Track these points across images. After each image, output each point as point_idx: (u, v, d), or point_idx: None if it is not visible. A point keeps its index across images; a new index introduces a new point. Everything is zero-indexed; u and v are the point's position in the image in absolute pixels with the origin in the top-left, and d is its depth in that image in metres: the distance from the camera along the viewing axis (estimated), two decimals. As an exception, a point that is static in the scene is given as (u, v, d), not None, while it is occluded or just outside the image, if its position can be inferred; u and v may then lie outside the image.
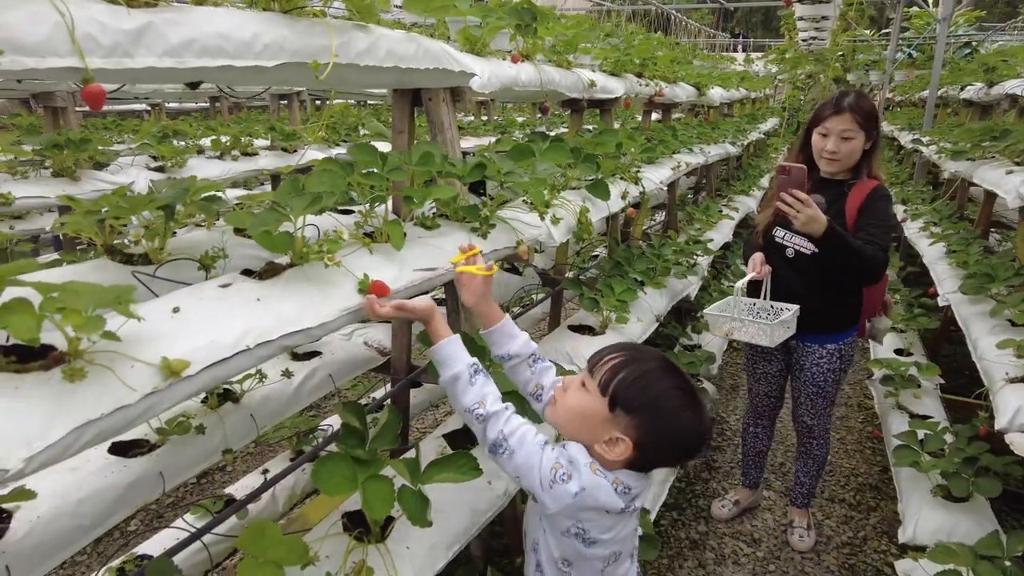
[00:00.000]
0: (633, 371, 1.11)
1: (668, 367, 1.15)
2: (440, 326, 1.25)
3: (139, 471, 1.58)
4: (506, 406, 1.17)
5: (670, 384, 1.12)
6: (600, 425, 1.12)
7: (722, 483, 3.38)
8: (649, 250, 3.04)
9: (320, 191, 1.20)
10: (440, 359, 1.23)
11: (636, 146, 3.00)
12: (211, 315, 1.03)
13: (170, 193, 1.35)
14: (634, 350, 1.17)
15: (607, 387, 1.11)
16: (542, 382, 1.35)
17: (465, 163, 1.63)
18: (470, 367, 1.20)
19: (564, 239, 2.14)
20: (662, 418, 1.10)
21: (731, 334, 2.31)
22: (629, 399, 1.10)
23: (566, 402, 1.19)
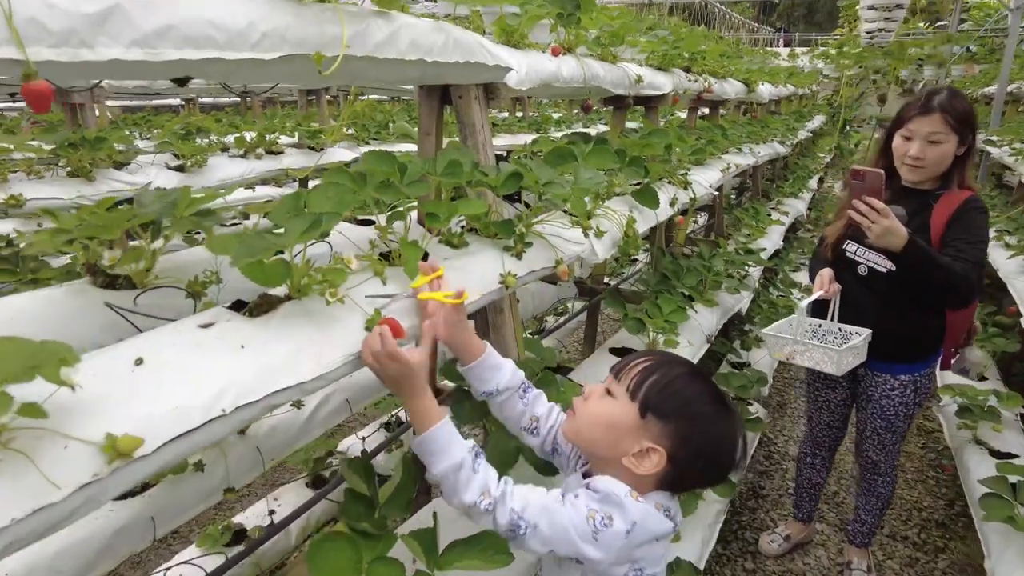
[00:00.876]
0: (665, 375, 1.05)
1: (698, 373, 1.09)
2: (432, 402, 1.03)
3: (128, 516, 1.40)
4: (504, 480, 1.01)
5: (703, 389, 1.06)
6: (629, 434, 1.03)
7: (770, 513, 3.11)
8: (698, 262, 2.78)
9: (324, 211, 0.99)
10: (434, 449, 1.00)
11: (685, 147, 2.74)
12: (182, 368, 0.83)
13: (156, 207, 1.15)
14: (661, 355, 1.11)
15: (638, 391, 1.04)
16: (536, 412, 1.21)
17: (499, 171, 1.40)
18: (471, 451, 1.01)
19: (608, 255, 1.91)
20: (698, 425, 1.03)
21: (792, 358, 2.07)
22: (662, 403, 1.02)
23: (589, 411, 1.08)
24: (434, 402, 1.05)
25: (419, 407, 1.02)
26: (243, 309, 0.99)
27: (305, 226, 0.91)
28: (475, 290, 1.25)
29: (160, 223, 1.15)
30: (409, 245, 1.11)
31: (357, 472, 1.07)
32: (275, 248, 0.89)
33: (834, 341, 2.20)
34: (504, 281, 1.31)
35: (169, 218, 1.17)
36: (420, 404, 1.02)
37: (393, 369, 1.00)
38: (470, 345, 1.15)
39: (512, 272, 1.33)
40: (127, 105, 8.80)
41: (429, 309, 1.11)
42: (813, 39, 17.01)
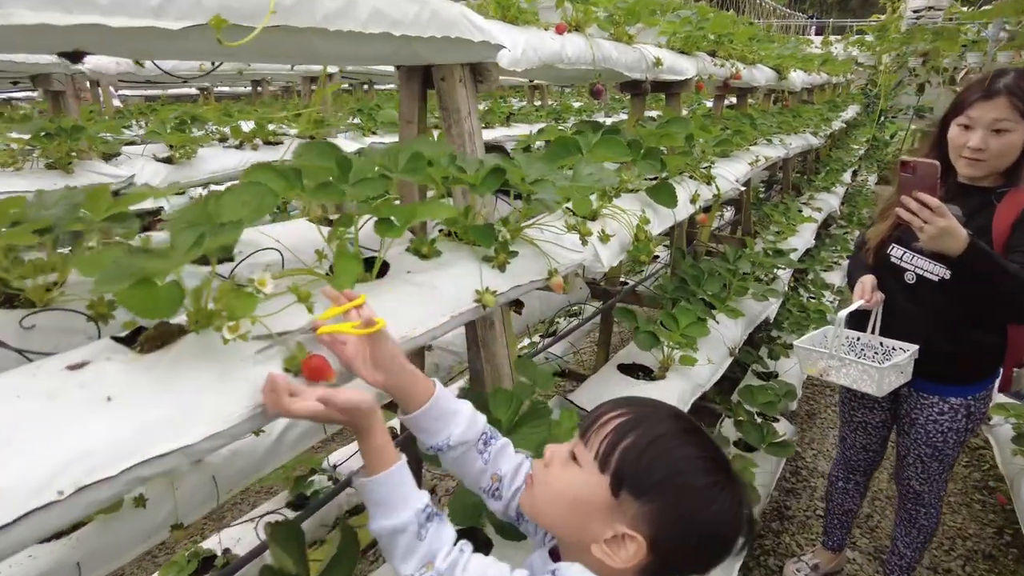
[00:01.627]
0: (644, 435, 0.80)
1: (688, 428, 0.83)
2: (385, 440, 0.83)
3: (49, 562, 1.22)
4: (459, 547, 0.83)
5: (695, 452, 0.80)
6: (599, 516, 0.80)
7: (796, 537, 2.86)
8: (721, 265, 2.52)
9: (236, 218, 0.78)
10: (379, 498, 0.82)
11: (709, 137, 2.49)
12: (14, 432, 0.62)
13: (55, 210, 0.95)
14: (640, 406, 0.86)
15: (608, 460, 0.80)
16: (499, 470, 0.97)
17: (481, 166, 1.18)
18: (420, 513, 0.81)
19: (616, 261, 1.67)
20: (686, 503, 0.78)
21: (826, 375, 1.83)
22: (640, 476, 0.78)
23: (549, 484, 0.85)
24: (382, 441, 0.84)
25: (374, 441, 0.83)
26: (134, 342, 0.79)
27: (191, 241, 0.69)
28: (441, 312, 1.02)
29: (56, 231, 0.95)
30: (345, 257, 0.89)
31: (283, 541, 0.86)
32: (153, 271, 0.68)
33: (875, 357, 1.94)
34: (481, 299, 1.09)
35: (74, 224, 0.97)
36: (368, 441, 0.83)
37: (330, 415, 0.79)
38: (410, 388, 0.90)
39: (491, 288, 1.11)
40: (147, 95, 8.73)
41: (344, 351, 0.86)
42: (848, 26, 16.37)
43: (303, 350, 0.81)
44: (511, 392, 1.23)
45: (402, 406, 0.91)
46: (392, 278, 1.04)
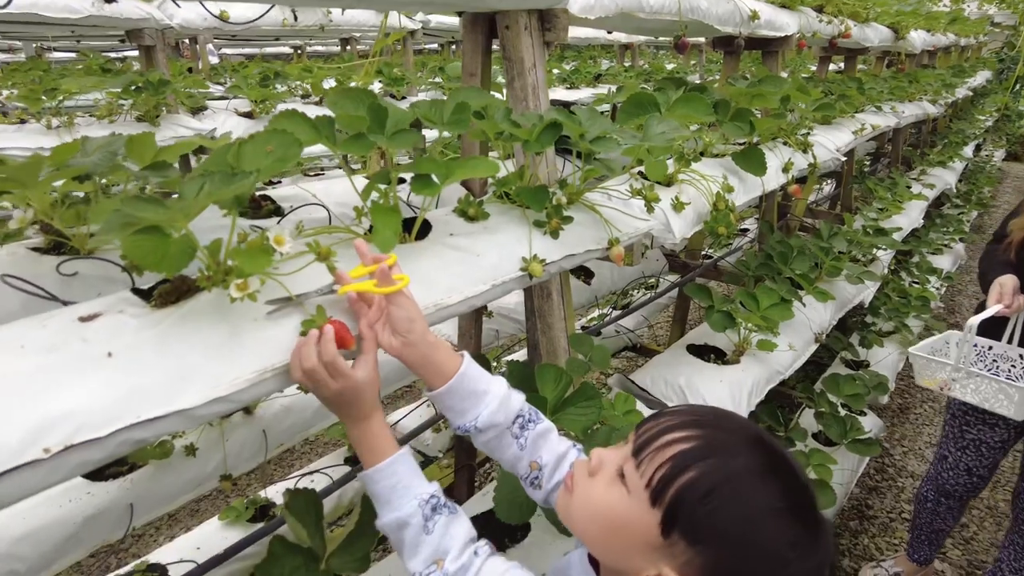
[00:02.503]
0: (711, 472, 0.63)
1: (771, 463, 0.64)
2: (383, 429, 0.77)
3: (104, 501, 1.25)
4: (474, 551, 0.75)
5: (774, 500, 0.62)
6: (642, 551, 0.65)
7: (877, 539, 2.64)
8: (814, 242, 2.30)
9: (250, 168, 0.72)
10: (381, 491, 0.76)
11: (808, 101, 2.24)
12: (9, 384, 0.60)
13: (95, 158, 0.93)
14: (712, 427, 0.67)
15: (661, 494, 0.64)
16: (539, 458, 0.85)
17: (541, 120, 1.07)
18: (426, 504, 0.74)
19: (689, 232, 1.53)
20: (752, 563, 0.62)
21: (947, 388, 1.61)
22: (699, 522, 0.62)
23: (590, 499, 0.71)
24: (385, 429, 0.78)
25: (364, 434, 0.78)
26: (152, 295, 0.75)
27: (196, 191, 0.64)
28: (481, 279, 0.94)
29: (96, 176, 0.93)
30: (383, 213, 0.82)
31: (299, 511, 0.82)
32: (153, 219, 0.63)
33: (1010, 372, 1.69)
34: (527, 268, 1.00)
35: (111, 172, 0.95)
36: (367, 430, 0.78)
37: (332, 388, 0.74)
38: (430, 359, 0.81)
39: (540, 257, 1.01)
40: (246, 53, 9.03)
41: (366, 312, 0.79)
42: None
43: (323, 314, 0.75)
44: (560, 368, 1.14)
45: (425, 380, 0.83)
46: (432, 241, 0.97)
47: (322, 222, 1.19)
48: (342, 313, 0.78)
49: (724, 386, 1.61)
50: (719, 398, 1.59)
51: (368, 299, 0.79)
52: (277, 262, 0.72)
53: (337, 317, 0.76)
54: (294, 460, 3.03)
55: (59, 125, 2.54)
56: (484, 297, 0.94)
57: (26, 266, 0.96)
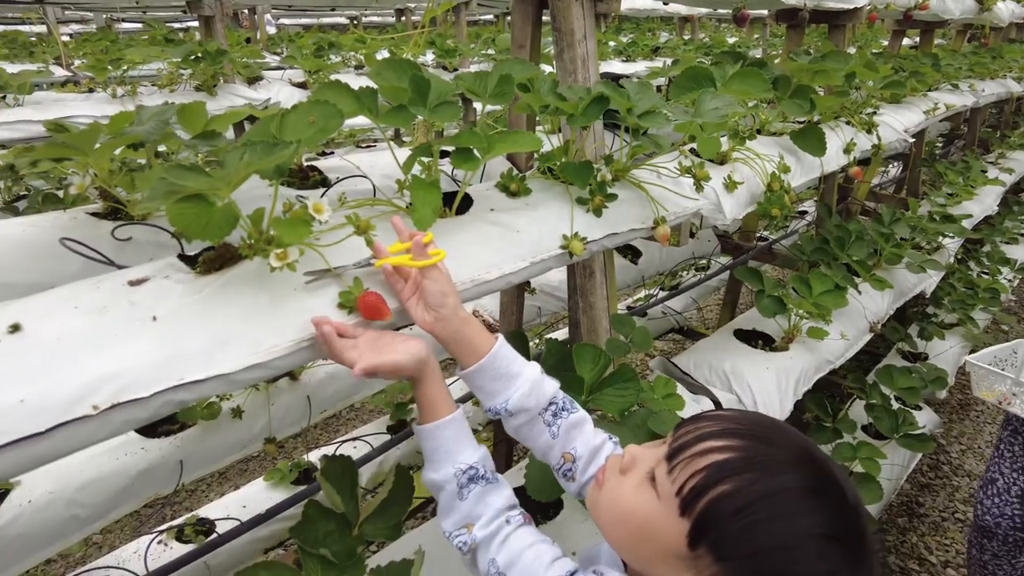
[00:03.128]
0: (749, 487, 0.59)
1: (816, 483, 0.60)
2: (436, 390, 0.78)
3: (156, 457, 1.32)
4: (506, 519, 0.76)
5: (815, 525, 0.57)
6: (664, 558, 0.63)
7: (926, 538, 2.55)
8: (874, 227, 2.20)
9: (292, 138, 0.72)
10: (426, 450, 0.79)
11: (876, 78, 2.13)
12: (61, 344, 0.62)
13: (147, 127, 0.96)
14: (754, 437, 0.62)
15: (692, 504, 0.60)
16: (572, 449, 0.83)
17: (588, 94, 1.04)
18: (462, 474, 0.76)
19: (741, 213, 1.48)
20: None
21: (1007, 403, 1.49)
22: (729, 539, 0.58)
23: (618, 500, 0.68)
24: (437, 390, 0.79)
25: (417, 394, 0.80)
26: (196, 262, 0.77)
27: (237, 160, 0.64)
28: (520, 256, 0.93)
29: (147, 145, 0.96)
30: (423, 187, 0.81)
31: (335, 478, 0.84)
32: (194, 188, 0.64)
33: None
34: (568, 246, 0.98)
35: (162, 140, 0.97)
36: (418, 391, 0.79)
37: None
38: (462, 336, 0.80)
39: (581, 235, 1.00)
40: (304, 23, 9.14)
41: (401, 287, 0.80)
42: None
43: (360, 285, 0.76)
44: (598, 348, 1.13)
45: (457, 358, 0.83)
46: (472, 216, 0.96)
47: (367, 194, 1.20)
48: (379, 285, 0.78)
49: (771, 373, 1.57)
50: (765, 385, 1.55)
51: (404, 273, 0.80)
52: (318, 232, 0.73)
53: (374, 289, 0.77)
54: (339, 426, 3.11)
55: (123, 94, 2.63)
56: (523, 274, 0.93)
57: (85, 230, 1.00)
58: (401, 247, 0.80)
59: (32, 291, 0.73)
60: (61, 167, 1.03)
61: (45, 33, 5.53)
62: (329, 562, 0.77)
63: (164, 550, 1.59)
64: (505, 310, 1.82)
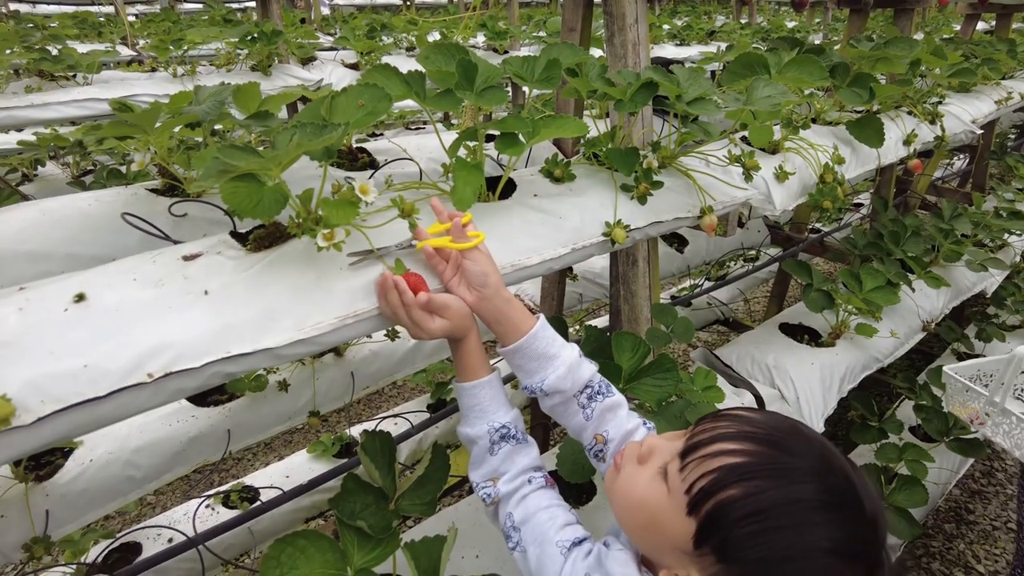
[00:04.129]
0: (760, 494, 0.58)
1: (833, 497, 0.58)
2: (477, 350, 0.82)
3: (206, 424, 1.38)
4: (528, 478, 0.79)
5: (826, 540, 0.56)
6: (671, 551, 0.63)
7: (974, 546, 2.47)
8: (933, 222, 2.11)
9: (341, 120, 0.74)
10: (463, 406, 0.83)
11: (943, 66, 2.03)
12: (121, 314, 0.66)
13: (204, 107, 0.99)
14: (771, 444, 0.61)
15: (699, 505, 0.60)
16: (605, 432, 0.85)
17: (637, 79, 1.03)
18: (495, 432, 0.80)
19: (791, 204, 1.44)
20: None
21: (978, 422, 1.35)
22: (733, 543, 0.58)
23: (631, 488, 0.69)
24: (476, 351, 0.82)
25: (456, 353, 0.83)
26: (247, 239, 0.80)
27: (287, 141, 0.66)
28: (561, 242, 0.93)
29: (207, 124, 0.99)
30: (466, 169, 0.82)
31: (373, 453, 0.86)
32: (245, 167, 0.66)
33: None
34: (610, 234, 0.98)
35: (219, 120, 1.00)
36: (457, 350, 0.83)
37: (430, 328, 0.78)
38: (503, 315, 0.82)
39: (624, 222, 0.99)
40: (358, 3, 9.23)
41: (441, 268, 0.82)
42: None
43: (402, 266, 0.77)
44: (637, 337, 1.12)
45: (498, 336, 0.85)
46: (515, 200, 0.97)
47: (414, 177, 1.22)
48: (420, 267, 0.80)
49: (815, 369, 1.53)
50: (808, 381, 1.52)
51: (445, 255, 0.81)
52: (364, 214, 0.74)
53: (415, 271, 0.78)
54: (381, 403, 3.18)
55: (183, 73, 2.71)
56: (563, 260, 0.93)
57: (145, 205, 1.04)
58: (440, 228, 0.81)
59: (94, 263, 0.77)
60: (123, 144, 1.08)
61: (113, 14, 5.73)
62: (365, 534, 0.79)
63: (211, 514, 1.67)
64: (546, 295, 1.82)
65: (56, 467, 1.25)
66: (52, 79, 2.45)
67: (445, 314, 0.78)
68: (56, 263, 0.94)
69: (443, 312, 0.78)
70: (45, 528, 1.17)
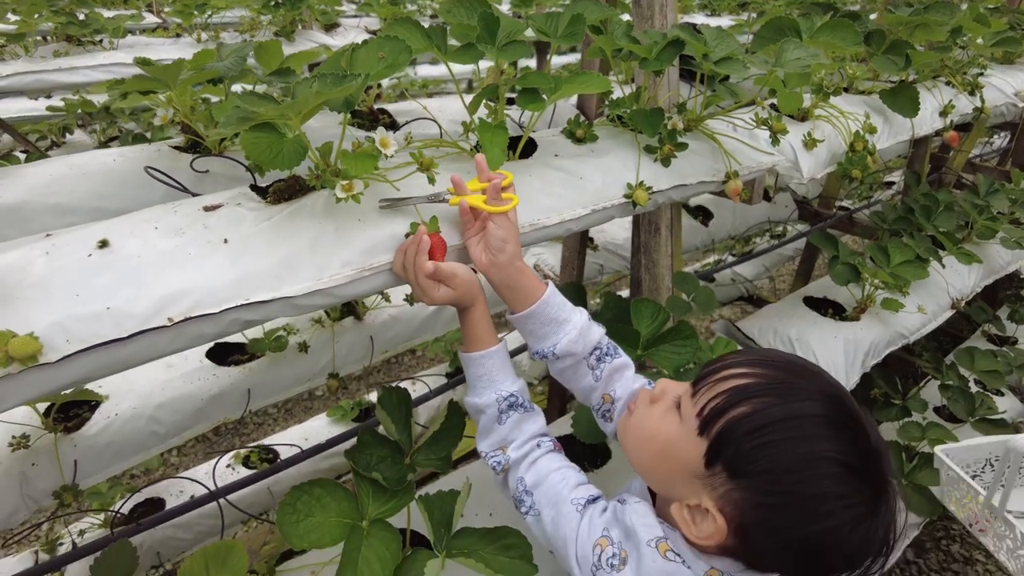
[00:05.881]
0: (767, 409, 0.62)
1: (840, 418, 0.62)
2: (484, 320, 0.81)
3: (227, 383, 1.40)
4: (537, 443, 0.80)
5: (830, 451, 0.60)
6: (684, 479, 0.67)
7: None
8: (966, 197, 2.05)
9: (362, 71, 0.73)
10: (470, 376, 0.82)
11: (987, 34, 1.95)
12: (143, 260, 0.66)
13: (226, 63, 0.99)
14: (783, 369, 0.65)
15: (710, 425, 0.64)
16: (612, 391, 0.86)
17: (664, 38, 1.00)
18: (503, 401, 0.79)
19: (819, 172, 1.41)
20: (793, 509, 0.61)
21: (980, 531, 1.20)
22: (743, 457, 0.62)
23: (645, 424, 0.73)
24: (483, 321, 0.82)
25: (464, 323, 0.83)
26: (267, 193, 0.80)
27: (308, 88, 0.66)
28: (581, 202, 0.92)
29: (228, 80, 0.99)
30: (488, 128, 0.81)
31: (391, 408, 0.87)
32: (265, 115, 0.66)
33: None
34: (632, 195, 0.96)
35: (240, 77, 1.00)
36: (465, 319, 0.83)
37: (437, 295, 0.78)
38: (515, 282, 0.81)
39: (647, 184, 0.97)
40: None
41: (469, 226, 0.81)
42: None
43: (435, 223, 0.77)
44: (657, 304, 1.11)
45: (508, 303, 0.85)
46: (536, 160, 0.95)
47: (435, 137, 1.21)
48: (447, 221, 0.80)
49: (838, 343, 1.51)
50: (831, 354, 1.49)
51: (476, 212, 0.81)
52: (383, 169, 0.74)
53: (443, 224, 0.78)
54: (400, 372, 3.21)
55: (207, 39, 2.71)
56: (583, 222, 0.92)
57: (168, 161, 1.05)
58: (479, 186, 0.81)
59: (119, 216, 0.78)
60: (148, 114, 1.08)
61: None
62: (380, 486, 0.80)
63: (232, 473, 1.71)
64: (566, 264, 1.81)
65: (83, 420, 1.28)
66: (79, 44, 2.47)
67: (451, 283, 0.78)
68: (82, 216, 0.96)
69: (449, 281, 0.77)
70: (74, 477, 1.21)
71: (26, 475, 1.15)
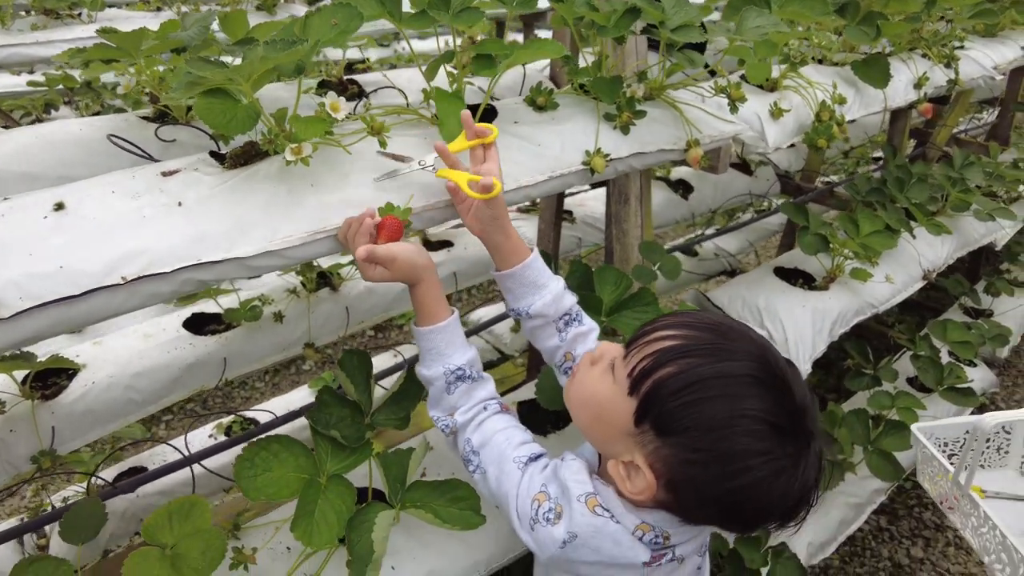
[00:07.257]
0: (689, 368, 0.65)
1: (768, 379, 0.65)
2: (431, 297, 0.83)
3: (203, 352, 1.42)
4: (484, 406, 0.83)
5: (755, 409, 0.63)
6: (619, 437, 0.70)
7: (971, 496, 2.49)
8: (941, 170, 2.07)
9: (314, 38, 0.75)
10: (420, 349, 0.85)
11: (966, 5, 1.96)
12: (98, 222, 0.68)
13: (190, 33, 1.00)
14: (708, 331, 0.68)
15: (639, 384, 0.67)
16: (575, 351, 0.90)
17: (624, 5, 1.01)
18: (451, 374, 0.82)
19: (786, 143, 1.43)
20: (716, 465, 0.64)
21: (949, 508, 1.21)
22: (668, 415, 0.65)
23: (584, 385, 0.76)
24: (432, 295, 0.84)
25: (414, 297, 0.85)
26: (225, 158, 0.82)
27: (258, 57, 0.67)
28: (539, 169, 0.94)
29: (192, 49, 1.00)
30: (444, 96, 0.83)
31: (351, 370, 0.90)
32: (213, 80, 0.67)
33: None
34: (589, 162, 0.98)
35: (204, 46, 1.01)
36: (415, 294, 0.85)
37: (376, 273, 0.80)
38: (503, 246, 0.87)
39: (605, 151, 0.99)
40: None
41: (457, 195, 0.86)
42: None
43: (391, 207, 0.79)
44: (620, 272, 1.13)
45: (496, 262, 0.90)
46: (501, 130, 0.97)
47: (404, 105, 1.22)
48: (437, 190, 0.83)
49: (806, 312, 1.54)
50: (798, 323, 1.52)
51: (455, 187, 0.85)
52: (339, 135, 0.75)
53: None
54: (385, 343, 3.24)
55: (188, 12, 2.69)
56: (541, 188, 0.94)
57: (136, 131, 1.06)
58: (464, 144, 0.85)
59: (84, 183, 0.79)
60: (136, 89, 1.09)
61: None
62: (339, 444, 0.83)
63: (213, 442, 1.74)
64: (543, 236, 1.83)
65: (60, 388, 1.31)
66: (57, 17, 2.45)
67: (390, 267, 0.79)
68: (48, 184, 0.97)
69: (388, 265, 0.79)
70: (52, 443, 1.23)
71: (4, 441, 1.18)
